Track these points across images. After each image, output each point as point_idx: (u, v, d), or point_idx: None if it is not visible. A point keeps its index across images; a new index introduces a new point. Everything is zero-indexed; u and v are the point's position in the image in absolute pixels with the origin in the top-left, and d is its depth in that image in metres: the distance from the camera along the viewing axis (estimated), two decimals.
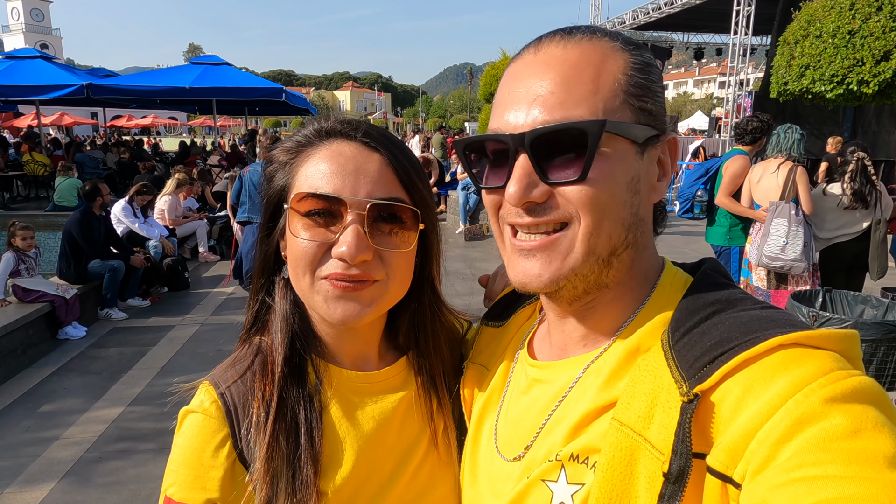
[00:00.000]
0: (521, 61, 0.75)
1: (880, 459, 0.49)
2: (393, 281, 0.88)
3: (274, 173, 0.92)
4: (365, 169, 0.85)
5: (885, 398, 0.56)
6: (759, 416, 0.55)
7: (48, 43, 68.60)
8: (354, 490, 0.88)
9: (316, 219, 0.84)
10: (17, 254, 6.13)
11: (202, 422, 0.86)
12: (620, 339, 0.75)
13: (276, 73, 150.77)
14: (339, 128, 0.89)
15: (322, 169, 0.85)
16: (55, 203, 11.96)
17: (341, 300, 0.84)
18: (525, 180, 0.70)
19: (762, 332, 0.61)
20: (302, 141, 0.90)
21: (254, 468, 0.83)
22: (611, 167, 0.70)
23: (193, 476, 0.83)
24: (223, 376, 0.90)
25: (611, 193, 0.70)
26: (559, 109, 0.69)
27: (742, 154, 5.29)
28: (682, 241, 10.27)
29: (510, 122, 0.72)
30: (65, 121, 31.76)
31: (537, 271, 0.72)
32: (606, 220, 0.70)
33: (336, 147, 0.87)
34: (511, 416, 0.86)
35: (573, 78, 0.70)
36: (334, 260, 0.83)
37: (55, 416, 4.61)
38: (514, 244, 0.74)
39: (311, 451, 0.85)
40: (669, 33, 25.73)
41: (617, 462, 0.63)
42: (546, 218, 0.71)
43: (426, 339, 1.01)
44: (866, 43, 7.95)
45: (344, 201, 0.82)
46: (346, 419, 0.92)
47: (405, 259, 0.89)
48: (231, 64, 15.84)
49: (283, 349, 0.90)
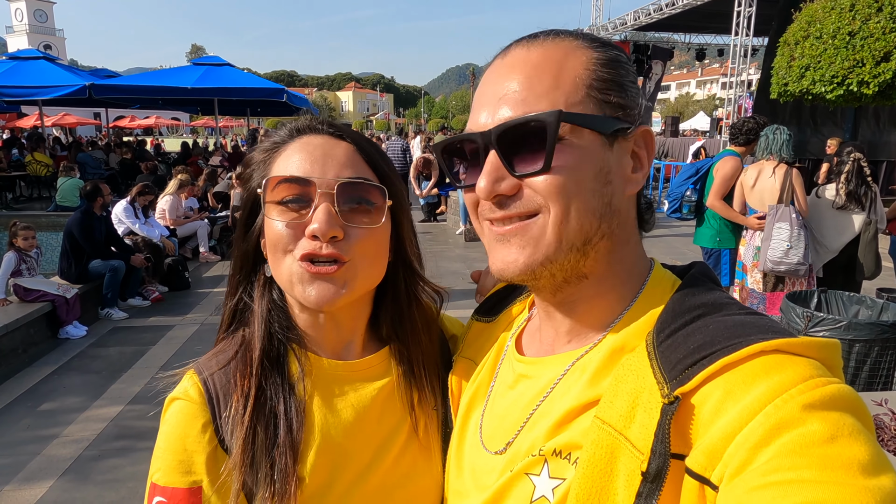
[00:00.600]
0: (490, 67, 0.79)
1: (855, 466, 0.51)
2: (364, 260, 0.91)
3: (252, 172, 0.97)
4: (332, 154, 0.92)
5: (862, 406, 0.57)
6: (738, 420, 0.56)
7: (51, 44, 68.78)
8: (332, 476, 0.90)
9: (289, 205, 0.88)
10: (19, 254, 6.16)
11: (185, 407, 0.89)
12: (606, 338, 0.76)
13: (278, 74, 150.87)
14: (308, 124, 0.96)
15: (293, 159, 0.91)
16: (57, 203, 12.00)
17: (315, 282, 0.87)
18: (494, 174, 0.73)
19: (745, 337, 0.62)
20: (277, 140, 0.96)
21: (232, 457, 0.85)
22: (575, 157, 0.72)
23: (178, 461, 0.85)
24: (207, 364, 0.94)
25: (577, 182, 0.72)
26: (522, 106, 0.72)
27: (734, 155, 5.22)
28: (681, 243, 10.26)
29: (480, 121, 0.75)
30: (68, 121, 31.83)
31: (513, 257, 0.74)
32: (574, 209, 0.72)
33: (305, 140, 0.94)
34: (497, 411, 0.87)
35: (535, 77, 0.73)
36: (307, 239, 0.87)
37: (55, 414, 4.63)
38: (493, 231, 0.77)
39: (290, 440, 0.87)
40: (671, 34, 25.69)
41: (597, 459, 0.64)
42: (515, 210, 0.73)
43: (404, 326, 1.04)
44: (866, 44, 7.95)
45: (313, 182, 0.87)
46: (325, 407, 0.94)
47: (376, 238, 0.92)
48: (233, 65, 15.86)
49: (261, 343, 0.93)
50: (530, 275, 0.74)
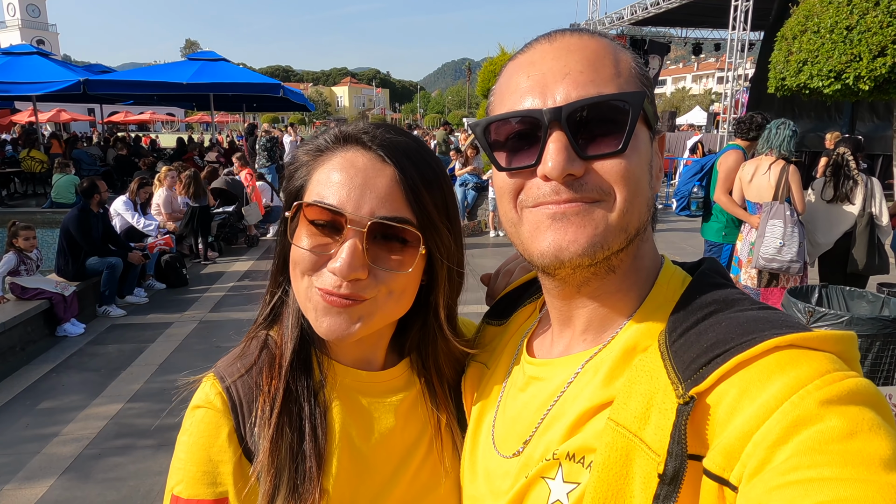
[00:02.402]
0: (534, 51, 0.75)
1: (876, 461, 0.50)
2: (387, 300, 0.86)
3: (295, 171, 0.92)
4: (373, 183, 0.83)
5: (882, 400, 0.56)
6: (755, 419, 0.56)
7: (44, 39, 68.22)
8: (356, 489, 0.88)
9: (319, 227, 0.84)
10: (19, 254, 6.12)
11: (208, 416, 0.85)
12: (618, 337, 0.75)
13: (273, 69, 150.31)
14: (358, 135, 0.88)
15: (332, 178, 0.84)
16: (52, 200, 11.94)
17: (329, 314, 0.83)
18: (564, 154, 0.68)
19: (758, 333, 0.61)
20: (322, 145, 0.90)
21: (257, 461, 0.83)
22: (640, 145, 0.72)
23: (202, 472, 0.83)
24: (229, 370, 0.90)
25: (641, 170, 0.71)
26: (591, 86, 0.69)
27: (737, 149, 5.27)
28: (680, 238, 10.29)
29: (537, 100, 0.71)
30: (62, 117, 31.59)
31: (573, 236, 0.69)
32: (638, 197, 0.71)
33: (350, 156, 0.86)
34: (509, 414, 0.86)
35: (597, 61, 0.71)
36: (328, 273, 0.82)
37: (54, 412, 4.62)
38: (543, 212, 0.71)
39: (315, 445, 0.85)
40: (667, 29, 25.69)
41: (612, 462, 0.63)
42: (582, 194, 0.69)
43: (428, 358, 1.01)
44: (863, 38, 7.95)
45: (345, 216, 0.81)
46: (349, 417, 0.92)
47: (403, 280, 0.87)
48: (228, 60, 15.78)
49: (293, 343, 0.90)
50: (590, 256, 0.69)
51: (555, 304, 0.83)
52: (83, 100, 18.82)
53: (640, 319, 0.75)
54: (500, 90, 0.78)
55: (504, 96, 0.76)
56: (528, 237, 0.73)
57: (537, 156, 0.70)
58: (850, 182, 4.83)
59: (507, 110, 0.73)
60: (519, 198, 0.74)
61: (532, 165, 0.71)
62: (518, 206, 0.75)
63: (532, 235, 0.73)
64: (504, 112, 0.74)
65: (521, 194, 0.74)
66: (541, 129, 0.69)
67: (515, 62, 0.77)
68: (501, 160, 0.75)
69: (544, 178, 0.69)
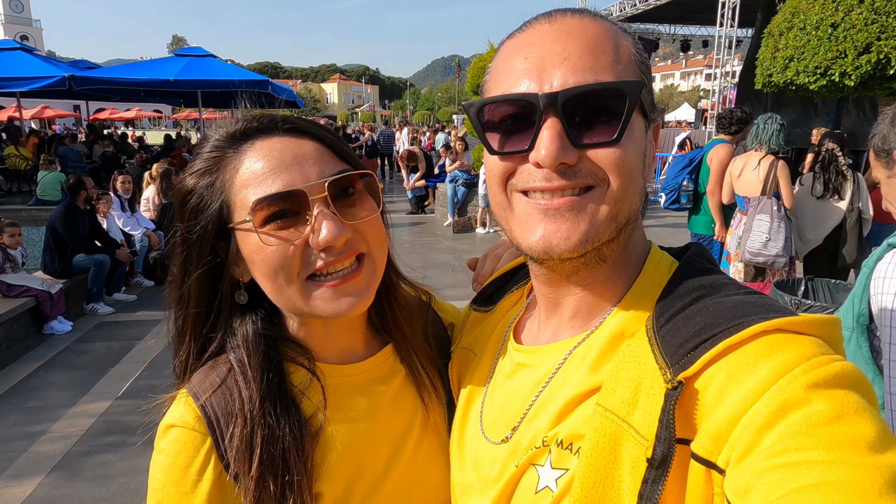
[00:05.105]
0: (532, 30, 0.73)
1: (862, 444, 0.50)
2: (379, 249, 0.88)
3: (199, 201, 0.84)
4: (303, 153, 0.82)
5: (866, 382, 0.57)
6: (742, 403, 0.56)
7: (28, 35, 67.16)
8: (349, 487, 0.88)
9: (278, 222, 0.80)
10: (3, 252, 6.05)
11: (185, 435, 0.82)
12: (605, 323, 0.76)
13: (262, 66, 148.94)
14: (255, 125, 0.85)
15: (261, 169, 0.80)
16: (38, 197, 11.79)
17: (342, 296, 0.82)
18: (558, 142, 0.67)
19: (745, 317, 0.61)
20: (217, 155, 0.85)
21: (242, 483, 0.80)
22: (635, 134, 0.71)
23: (181, 493, 0.80)
24: (202, 386, 0.86)
25: (636, 159, 0.71)
26: (590, 73, 0.68)
27: (725, 143, 5.35)
28: (669, 233, 10.34)
29: (533, 84, 0.69)
30: (46, 114, 31.17)
31: (565, 233, 0.68)
32: (631, 186, 0.70)
33: (261, 145, 0.83)
34: (496, 401, 0.86)
35: (597, 47, 0.70)
36: (316, 254, 0.80)
37: (41, 410, 4.57)
38: (536, 203, 0.70)
39: (301, 458, 0.82)
40: (656, 25, 25.74)
41: (601, 447, 0.64)
42: (575, 181, 0.68)
43: (395, 315, 1.00)
44: (849, 35, 8.01)
45: (303, 191, 0.79)
46: (335, 417, 0.90)
47: (377, 225, 0.88)
48: (216, 56, 15.63)
49: (259, 370, 0.86)
50: (580, 252, 0.70)
51: (543, 290, 0.82)
52: (68, 96, 18.53)
53: (627, 305, 0.75)
54: (497, 70, 0.76)
55: (500, 77, 0.74)
56: (518, 227, 0.73)
57: (530, 141, 0.69)
58: (839, 177, 4.88)
59: (503, 92, 0.72)
60: (509, 181, 0.73)
61: (525, 151, 0.70)
62: (508, 189, 0.74)
63: (522, 227, 0.72)
64: (499, 94, 0.72)
65: (511, 178, 0.73)
66: (535, 114, 0.68)
67: (513, 41, 0.75)
68: (494, 143, 0.73)
69: (536, 165, 0.68)
